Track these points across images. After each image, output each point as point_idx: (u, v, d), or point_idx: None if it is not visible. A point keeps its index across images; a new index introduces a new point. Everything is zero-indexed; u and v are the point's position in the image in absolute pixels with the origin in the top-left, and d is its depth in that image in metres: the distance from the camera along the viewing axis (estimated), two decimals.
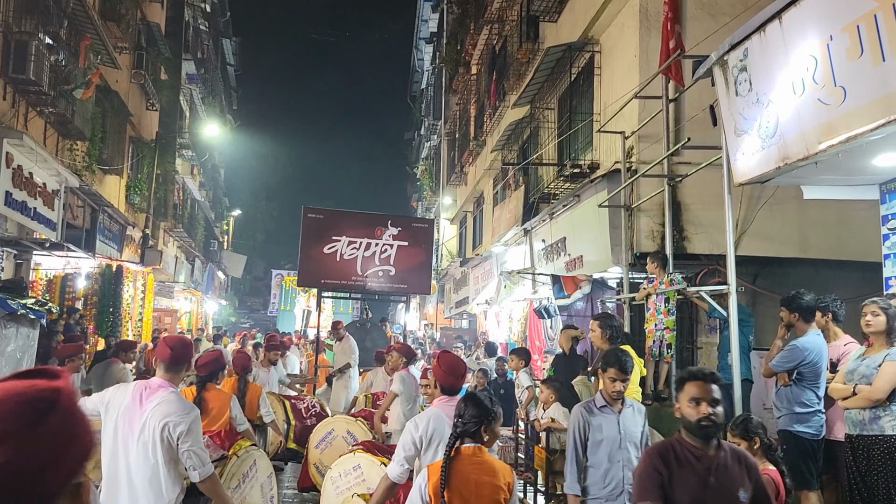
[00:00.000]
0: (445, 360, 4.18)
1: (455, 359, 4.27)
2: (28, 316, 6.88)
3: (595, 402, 4.44)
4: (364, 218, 11.38)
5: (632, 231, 8.87)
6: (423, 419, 3.96)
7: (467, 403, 3.45)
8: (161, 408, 3.70)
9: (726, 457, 3.07)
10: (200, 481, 3.73)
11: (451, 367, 4.13)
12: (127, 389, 3.87)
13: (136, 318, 18.38)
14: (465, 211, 23.03)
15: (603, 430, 4.34)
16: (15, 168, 11.01)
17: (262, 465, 4.66)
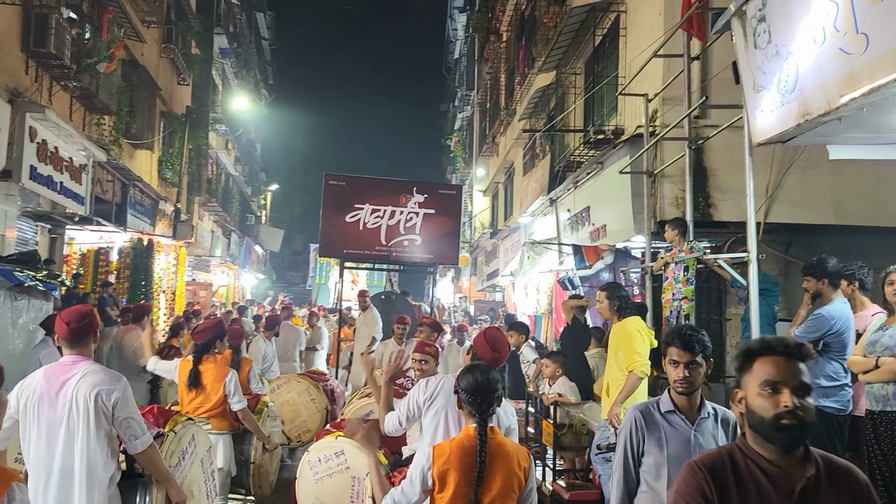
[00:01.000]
0: (490, 334, 3.98)
1: (498, 334, 4.00)
2: (38, 288, 6.88)
3: (660, 405, 3.26)
4: (388, 185, 10.89)
5: (655, 198, 8.53)
6: (433, 381, 3.90)
7: (464, 374, 3.20)
8: (87, 378, 3.49)
9: (818, 476, 2.06)
10: (140, 452, 3.55)
11: (495, 341, 3.90)
12: (35, 377, 3.60)
13: (169, 291, 18.60)
14: (496, 182, 22.73)
15: (665, 447, 3.12)
16: (39, 142, 11.07)
17: (200, 440, 4.37)
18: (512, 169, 19.92)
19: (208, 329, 5.48)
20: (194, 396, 5.23)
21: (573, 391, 5.84)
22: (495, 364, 3.75)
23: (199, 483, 4.28)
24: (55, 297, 7.61)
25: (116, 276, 16.07)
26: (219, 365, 5.35)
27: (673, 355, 3.19)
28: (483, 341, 3.88)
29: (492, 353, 3.80)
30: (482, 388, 3.08)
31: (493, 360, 3.75)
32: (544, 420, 5.94)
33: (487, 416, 3.08)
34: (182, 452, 4.07)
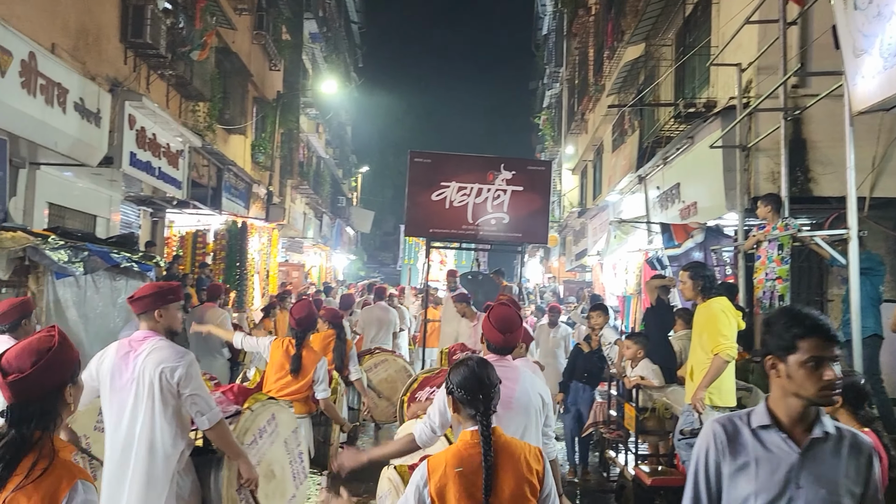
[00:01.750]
0: (496, 313, 3.59)
1: (506, 312, 3.60)
2: (133, 269, 7.18)
3: (750, 418, 2.37)
4: (475, 161, 10.53)
5: (749, 173, 8.12)
6: None
7: (456, 368, 2.81)
8: (153, 356, 3.51)
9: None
10: (209, 428, 3.54)
11: (501, 320, 3.53)
12: (108, 351, 3.66)
13: (262, 272, 19.20)
14: (585, 160, 22.29)
15: (755, 476, 2.27)
16: (138, 130, 11.54)
17: (283, 420, 4.28)
18: (601, 146, 19.48)
19: (307, 315, 5.43)
20: (281, 377, 5.24)
21: (656, 374, 5.64)
22: (507, 346, 3.52)
23: (282, 463, 4.21)
24: (151, 277, 7.93)
25: (213, 257, 16.72)
26: (311, 350, 5.39)
27: (814, 349, 2.20)
28: (489, 324, 3.55)
29: (502, 337, 3.50)
30: (482, 382, 2.71)
31: (504, 343, 3.50)
32: (626, 403, 5.78)
33: (491, 416, 2.68)
34: (259, 431, 4.03)
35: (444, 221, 10.09)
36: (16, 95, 8.08)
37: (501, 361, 3.47)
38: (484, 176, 10.07)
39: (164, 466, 3.50)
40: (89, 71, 10.07)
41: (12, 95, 8.03)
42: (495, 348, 3.55)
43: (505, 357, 3.54)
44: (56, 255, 5.84)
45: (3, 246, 5.45)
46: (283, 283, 21.85)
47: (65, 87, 9.18)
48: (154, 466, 3.48)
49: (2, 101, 7.82)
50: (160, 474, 3.49)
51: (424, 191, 10.11)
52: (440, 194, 10.00)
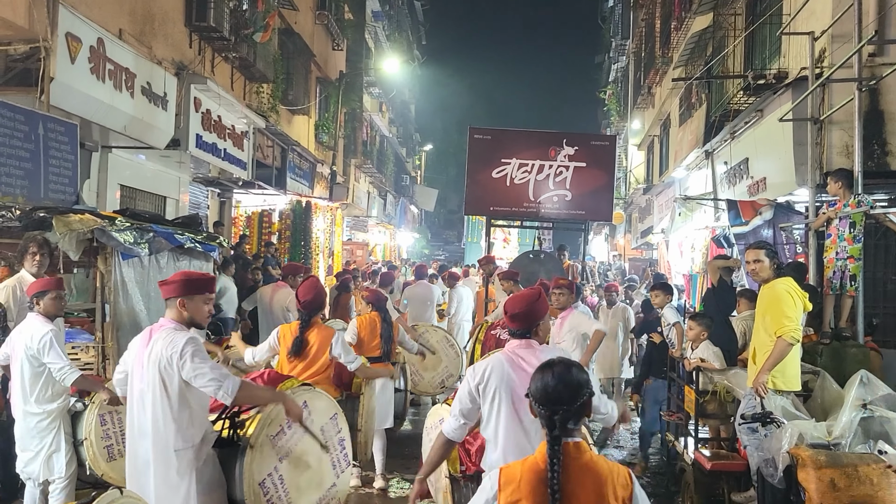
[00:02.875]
0: (516, 297, 3.52)
1: (525, 295, 3.49)
2: (197, 249, 7.35)
3: None
4: (536, 137, 10.30)
5: (821, 147, 7.77)
6: (481, 366, 3.40)
7: (537, 374, 2.50)
8: (157, 346, 3.43)
9: None
10: (233, 399, 3.38)
11: (518, 303, 3.47)
12: (135, 340, 3.62)
13: (326, 250, 19.50)
14: (651, 135, 21.76)
15: None
16: (203, 112, 11.79)
17: (318, 407, 4.00)
18: (667, 120, 18.97)
19: (311, 296, 5.10)
20: (297, 362, 4.94)
21: (717, 356, 5.47)
22: (530, 324, 3.43)
23: (317, 453, 3.96)
24: (214, 258, 8.12)
25: (278, 236, 17.04)
26: (320, 330, 5.06)
27: None
28: (508, 310, 3.50)
29: (521, 323, 3.45)
30: (553, 396, 2.39)
31: (523, 324, 3.43)
32: (686, 386, 5.63)
33: (562, 434, 2.35)
34: (287, 421, 3.78)
35: (504, 199, 10.00)
36: (86, 81, 8.35)
37: (523, 346, 3.44)
38: (546, 152, 9.90)
39: (179, 462, 3.39)
40: (155, 55, 10.31)
41: (82, 81, 8.30)
42: (515, 332, 3.49)
43: (526, 340, 3.45)
44: (122, 236, 6.02)
45: (73, 228, 5.64)
46: (347, 261, 22.16)
47: (132, 71, 9.43)
48: (167, 462, 3.38)
49: (72, 87, 8.10)
50: (174, 470, 3.38)
51: (484, 168, 10.01)
52: (501, 171, 9.89)
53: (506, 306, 3.51)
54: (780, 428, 4.42)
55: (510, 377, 3.29)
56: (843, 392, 4.93)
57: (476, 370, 3.38)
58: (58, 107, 7.89)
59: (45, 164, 7.31)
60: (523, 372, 3.22)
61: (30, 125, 7.11)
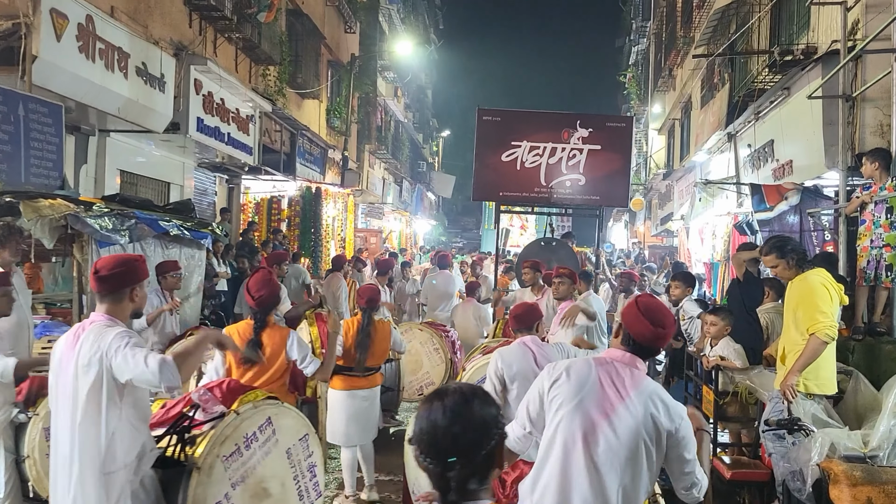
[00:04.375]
0: (645, 302, 2.72)
1: (656, 304, 2.73)
2: (186, 237, 6.98)
3: None
4: (548, 119, 9.74)
5: (853, 126, 7.21)
6: (562, 363, 2.77)
7: (423, 413, 1.80)
8: (87, 343, 2.90)
9: None
10: (163, 380, 2.77)
11: (653, 313, 2.69)
12: (64, 337, 3.07)
13: (338, 238, 19.10)
14: (672, 119, 21.10)
15: None
16: (205, 94, 11.40)
17: (284, 425, 3.40)
18: (689, 103, 18.34)
19: (265, 288, 4.28)
20: (250, 368, 4.16)
21: (738, 354, 4.99)
22: (657, 345, 2.69)
23: (282, 478, 3.41)
24: (207, 246, 7.73)
25: (288, 223, 16.67)
26: (275, 327, 4.31)
27: None
28: (638, 314, 2.65)
29: (653, 330, 2.62)
30: (444, 444, 1.72)
31: (654, 340, 2.64)
32: (705, 386, 5.15)
33: (461, 499, 1.71)
34: (244, 439, 3.20)
35: (515, 184, 9.49)
36: (73, 60, 7.95)
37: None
38: (558, 134, 9.37)
39: (109, 487, 2.85)
40: (152, 35, 9.92)
41: (70, 60, 7.90)
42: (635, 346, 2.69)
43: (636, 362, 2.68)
44: (99, 223, 5.63)
45: (43, 214, 5.26)
46: (359, 248, 21.76)
47: (126, 51, 9.04)
48: (95, 487, 2.84)
49: (59, 66, 7.71)
50: (103, 492, 2.84)
51: (494, 151, 9.51)
52: (511, 154, 9.39)
53: (649, 314, 2.68)
54: (809, 437, 3.94)
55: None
56: (878, 395, 4.43)
57: (555, 369, 2.68)
58: (43, 87, 7.50)
59: (25, 147, 6.94)
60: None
61: (8, 106, 6.74)
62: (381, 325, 5.62)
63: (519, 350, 4.09)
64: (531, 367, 3.93)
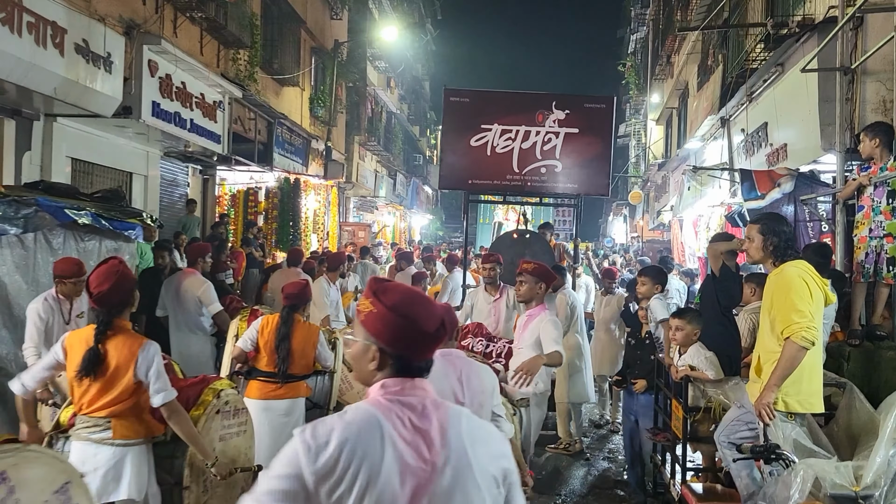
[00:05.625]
0: None
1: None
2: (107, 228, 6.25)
3: None
4: (521, 99, 8.90)
5: (852, 103, 6.43)
6: None
7: None
8: None
9: None
10: None
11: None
12: None
13: (321, 231, 18.40)
14: (669, 108, 20.34)
15: None
16: (162, 77, 10.68)
17: (27, 478, 2.47)
18: (685, 90, 17.57)
19: (109, 282, 3.44)
20: (90, 384, 3.38)
21: (710, 363, 4.23)
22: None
23: None
24: (137, 238, 6.98)
25: (265, 216, 15.97)
26: (128, 336, 3.49)
27: None
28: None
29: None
30: None
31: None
32: (674, 400, 4.40)
33: None
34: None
35: (484, 171, 8.67)
36: None
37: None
38: (532, 116, 8.53)
39: None
40: (96, 10, 9.18)
41: None
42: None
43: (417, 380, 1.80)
44: None
45: None
46: (348, 243, 20.97)
47: (61, 26, 8.30)
48: None
49: None
50: None
51: (462, 135, 8.69)
52: (480, 139, 8.56)
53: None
54: (789, 468, 3.19)
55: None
56: (876, 415, 3.69)
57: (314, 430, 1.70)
58: None
59: None
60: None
61: None
62: (303, 327, 4.87)
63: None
64: (451, 389, 3.13)
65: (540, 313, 4.79)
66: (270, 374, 4.71)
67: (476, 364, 3.30)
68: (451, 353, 3.23)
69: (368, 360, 1.75)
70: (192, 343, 6.35)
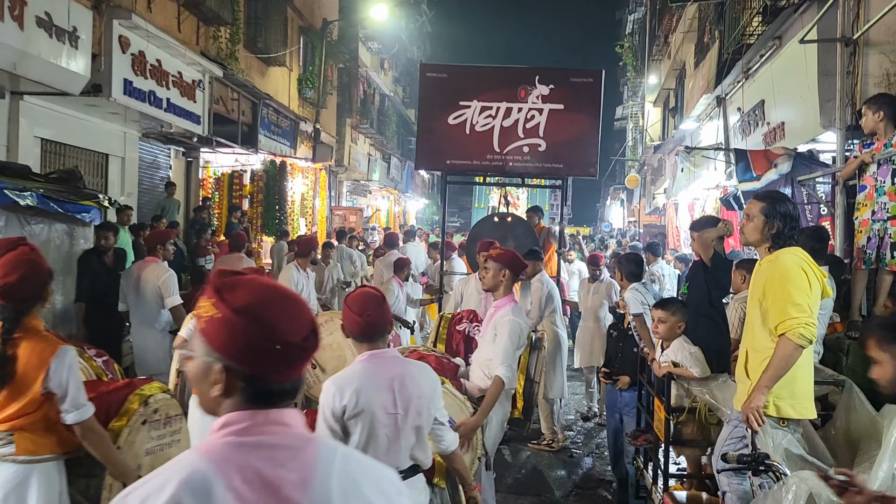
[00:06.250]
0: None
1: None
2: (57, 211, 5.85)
3: None
4: (502, 74, 8.33)
5: (854, 77, 6.01)
6: None
7: None
8: None
9: None
10: None
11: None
12: None
13: (309, 215, 17.96)
14: (666, 89, 19.85)
15: None
16: (135, 54, 10.24)
17: None
18: (682, 70, 17.10)
19: (17, 272, 2.91)
20: None
21: (695, 359, 3.84)
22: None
23: None
24: (93, 221, 6.56)
25: (250, 200, 15.55)
26: (40, 337, 2.96)
27: None
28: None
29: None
30: None
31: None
32: (656, 399, 4.01)
33: None
34: None
35: (463, 151, 8.16)
36: None
37: None
38: (514, 92, 8.01)
39: None
40: None
41: None
42: None
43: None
44: None
45: None
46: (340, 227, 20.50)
47: None
48: None
49: None
50: None
51: (440, 113, 8.17)
52: (459, 116, 8.05)
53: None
54: (780, 481, 2.81)
55: None
56: (878, 418, 3.30)
57: None
58: None
59: None
60: None
61: None
62: None
63: (360, 371, 2.75)
64: (381, 402, 2.70)
65: (505, 305, 4.27)
66: None
67: (412, 365, 2.88)
68: (382, 354, 2.80)
69: (210, 383, 1.31)
70: (149, 339, 5.90)
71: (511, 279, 4.39)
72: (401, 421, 2.69)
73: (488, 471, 4.15)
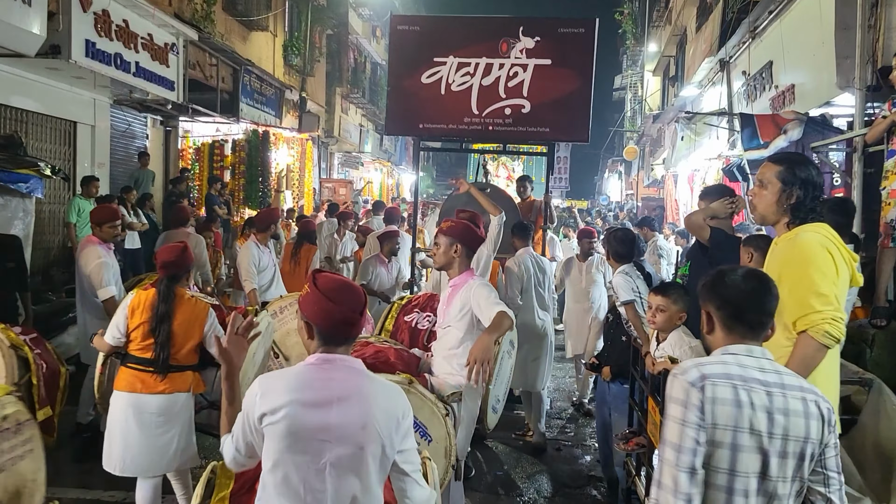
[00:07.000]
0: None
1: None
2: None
3: None
4: (482, 25, 7.29)
5: (876, 31, 5.38)
6: None
7: None
8: None
9: None
10: None
11: None
12: None
13: (295, 188, 17.36)
14: (667, 56, 19.13)
15: None
16: (97, 13, 9.54)
17: None
18: (684, 36, 16.38)
19: None
20: None
21: (696, 354, 3.29)
22: None
23: None
24: (33, 193, 5.96)
25: (231, 171, 14.93)
26: None
27: None
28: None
29: None
30: None
31: None
32: (650, 398, 3.46)
33: None
34: None
35: (438, 113, 7.22)
36: None
37: None
38: (495, 46, 7.06)
39: None
40: None
41: None
42: None
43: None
44: None
45: None
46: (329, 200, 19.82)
47: None
48: None
49: None
50: None
51: (412, 71, 7.19)
52: (433, 75, 7.17)
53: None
54: None
55: None
56: None
57: None
58: None
59: None
60: None
61: None
62: (188, 304, 3.88)
63: (296, 376, 2.19)
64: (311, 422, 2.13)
65: (466, 281, 3.71)
66: (146, 361, 3.75)
67: (374, 385, 2.20)
68: (335, 361, 2.18)
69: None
70: (91, 326, 5.28)
71: (466, 254, 3.79)
72: (330, 454, 2.05)
73: (458, 481, 3.61)
